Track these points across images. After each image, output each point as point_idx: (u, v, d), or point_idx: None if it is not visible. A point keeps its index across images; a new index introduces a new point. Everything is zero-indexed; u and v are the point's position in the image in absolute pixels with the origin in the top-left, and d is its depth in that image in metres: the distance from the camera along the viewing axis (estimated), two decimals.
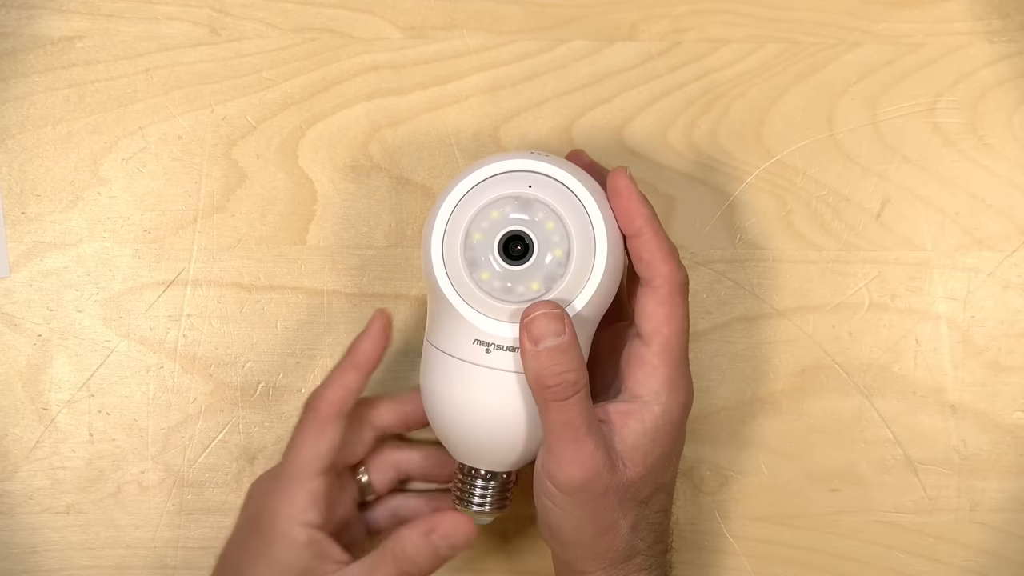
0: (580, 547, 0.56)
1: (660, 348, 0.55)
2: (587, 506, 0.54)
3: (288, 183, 0.65)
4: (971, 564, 0.66)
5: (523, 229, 0.53)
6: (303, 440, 0.58)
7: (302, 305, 0.66)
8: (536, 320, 0.52)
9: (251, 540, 0.58)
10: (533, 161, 0.55)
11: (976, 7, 0.67)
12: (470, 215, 0.54)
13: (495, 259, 0.54)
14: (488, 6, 0.66)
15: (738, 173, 0.66)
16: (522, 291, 0.54)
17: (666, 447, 0.55)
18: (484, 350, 0.55)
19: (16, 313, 0.65)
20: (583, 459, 0.53)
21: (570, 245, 0.54)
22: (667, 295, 0.54)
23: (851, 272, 0.66)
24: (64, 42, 0.65)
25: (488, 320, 0.54)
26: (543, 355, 0.52)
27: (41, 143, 0.65)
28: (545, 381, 0.53)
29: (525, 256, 0.54)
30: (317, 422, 0.58)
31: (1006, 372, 0.66)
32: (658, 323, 0.55)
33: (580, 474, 0.53)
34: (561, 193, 0.54)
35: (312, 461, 0.58)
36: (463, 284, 0.54)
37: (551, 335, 0.52)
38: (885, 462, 0.66)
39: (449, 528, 0.56)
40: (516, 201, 0.54)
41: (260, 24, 0.66)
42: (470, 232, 0.54)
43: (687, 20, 0.66)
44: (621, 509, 0.55)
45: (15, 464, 0.65)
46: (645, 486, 0.55)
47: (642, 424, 0.54)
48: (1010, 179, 0.67)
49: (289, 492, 0.58)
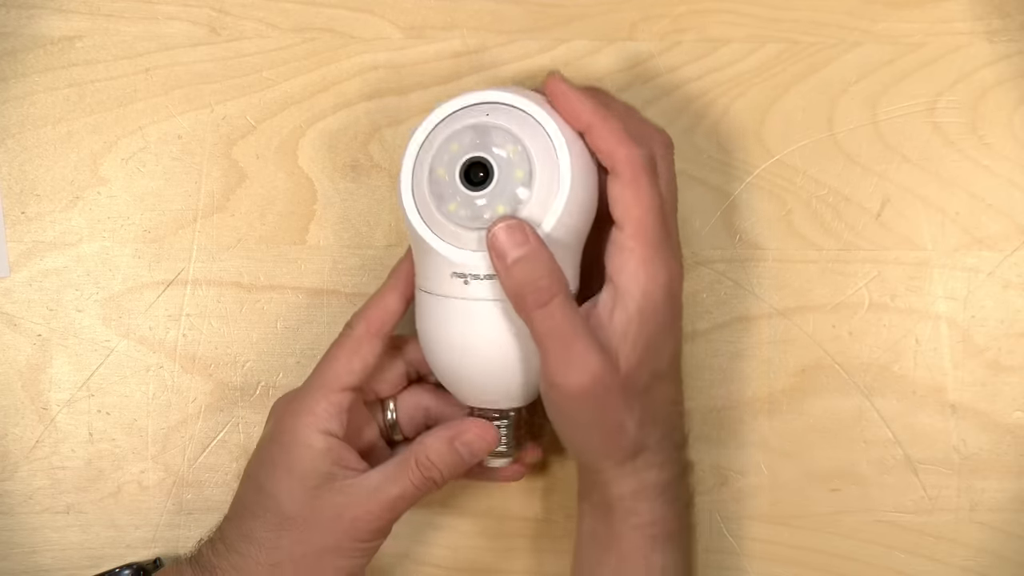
0: (591, 449, 0.56)
1: (633, 230, 0.54)
2: (592, 409, 0.54)
3: (288, 183, 0.65)
4: (971, 564, 0.66)
5: (481, 154, 0.54)
6: (335, 355, 0.59)
7: (302, 305, 0.66)
8: (496, 235, 0.53)
9: (269, 450, 0.58)
10: (490, 92, 0.55)
11: (976, 7, 0.67)
12: (432, 152, 0.55)
13: (458, 188, 0.54)
14: (488, 6, 0.66)
15: (738, 173, 0.66)
16: (488, 216, 0.54)
17: (653, 329, 0.55)
18: (463, 282, 0.55)
19: (16, 313, 0.65)
20: (578, 362, 0.53)
21: (531, 166, 0.54)
22: (631, 177, 0.54)
23: (851, 272, 0.66)
24: (64, 42, 0.65)
25: (461, 251, 0.55)
26: (513, 268, 0.53)
27: (41, 143, 0.65)
28: (520, 291, 0.53)
29: (486, 180, 0.54)
30: (353, 339, 0.59)
31: (1006, 372, 0.66)
32: (626, 205, 0.54)
33: (578, 379, 0.53)
34: (519, 118, 0.54)
35: (341, 376, 0.58)
36: (433, 219, 0.55)
37: (514, 246, 0.52)
38: (885, 462, 0.66)
39: (472, 436, 0.56)
40: (474, 130, 0.54)
41: (260, 24, 0.66)
42: (434, 167, 0.55)
43: (687, 20, 0.66)
44: (625, 405, 0.55)
45: (15, 464, 0.65)
46: (641, 374, 0.55)
47: (625, 311, 0.54)
48: (1010, 179, 0.67)
49: (310, 402, 0.58)
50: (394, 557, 0.66)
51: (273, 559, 0.56)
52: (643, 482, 0.57)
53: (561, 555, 0.66)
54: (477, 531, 0.65)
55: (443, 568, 0.66)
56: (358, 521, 0.56)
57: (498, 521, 0.66)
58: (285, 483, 0.57)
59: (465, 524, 0.63)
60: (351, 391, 0.58)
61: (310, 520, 0.56)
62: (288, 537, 0.56)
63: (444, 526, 0.65)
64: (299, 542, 0.56)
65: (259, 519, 0.57)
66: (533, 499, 0.66)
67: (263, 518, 0.57)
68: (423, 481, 0.56)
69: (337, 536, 0.56)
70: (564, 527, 0.66)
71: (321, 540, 0.56)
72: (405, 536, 0.66)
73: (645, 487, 0.57)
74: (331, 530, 0.56)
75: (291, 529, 0.56)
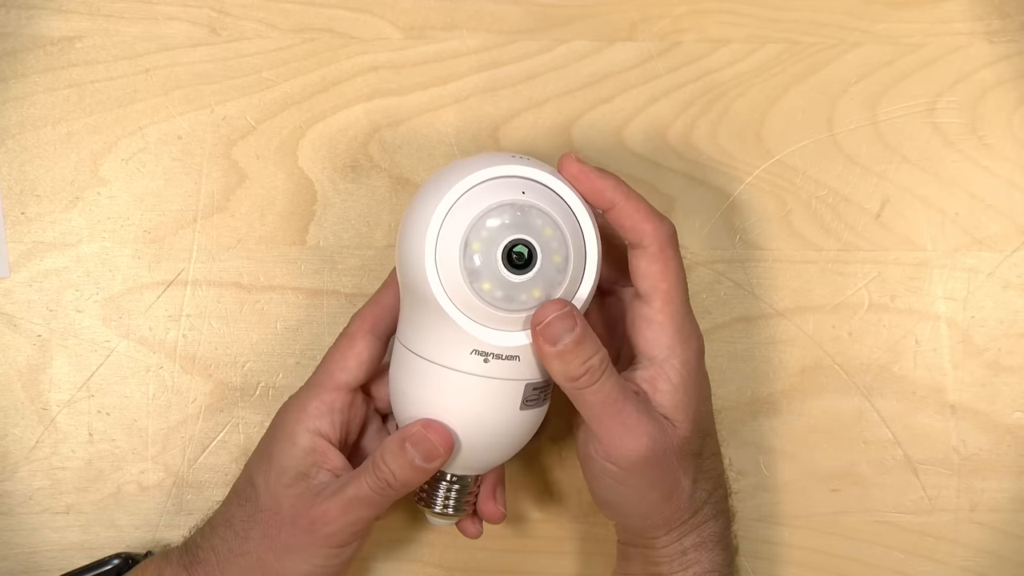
0: (648, 516, 0.57)
1: (662, 303, 0.55)
2: (649, 474, 0.55)
3: (288, 183, 0.65)
4: (971, 564, 0.67)
5: (526, 238, 0.53)
6: (330, 354, 0.59)
7: (302, 305, 0.66)
8: (550, 324, 0.53)
9: (262, 443, 0.59)
10: (521, 166, 0.54)
11: (976, 7, 0.67)
12: (467, 224, 0.53)
13: (500, 269, 0.53)
14: (488, 6, 0.66)
15: (738, 173, 0.66)
16: (524, 299, 0.53)
17: (696, 394, 0.56)
18: (482, 360, 0.54)
19: (16, 313, 0.65)
20: (632, 428, 0.54)
21: (568, 250, 0.53)
22: (658, 251, 0.55)
23: (851, 272, 0.66)
24: (64, 42, 0.65)
25: (487, 330, 0.54)
26: (565, 353, 0.53)
27: (41, 143, 0.65)
28: (573, 374, 0.53)
29: (529, 265, 0.53)
30: (347, 336, 0.59)
31: (1006, 372, 0.66)
32: (655, 280, 0.55)
33: (635, 445, 0.54)
34: (549, 197, 0.54)
35: (334, 373, 0.58)
36: (461, 294, 0.53)
37: (566, 332, 0.53)
38: (885, 462, 0.66)
39: (420, 436, 0.55)
40: (513, 209, 0.53)
41: (260, 24, 0.66)
42: (469, 241, 0.53)
43: (687, 20, 0.66)
44: (681, 467, 0.56)
45: (15, 464, 0.65)
46: (694, 438, 0.56)
47: (670, 383, 0.55)
48: (1010, 179, 0.67)
49: (303, 400, 0.58)
50: (394, 558, 0.66)
51: (243, 548, 0.57)
52: (704, 535, 0.58)
53: (561, 556, 0.66)
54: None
55: (443, 568, 0.66)
56: (317, 522, 0.56)
57: None
58: (264, 476, 0.57)
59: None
60: (346, 390, 0.58)
61: (277, 516, 0.56)
62: (257, 529, 0.57)
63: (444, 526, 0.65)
64: (265, 536, 0.56)
65: (240, 507, 0.58)
66: (532, 499, 0.66)
67: (243, 507, 0.57)
68: (376, 482, 0.55)
69: (299, 537, 0.56)
70: (564, 527, 0.66)
71: (285, 538, 0.56)
72: (405, 536, 0.66)
73: (705, 540, 0.58)
74: (295, 529, 0.56)
75: (261, 522, 0.57)
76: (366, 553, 0.66)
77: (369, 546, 0.65)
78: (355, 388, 0.59)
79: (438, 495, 0.59)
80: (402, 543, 0.66)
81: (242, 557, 0.57)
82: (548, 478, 0.66)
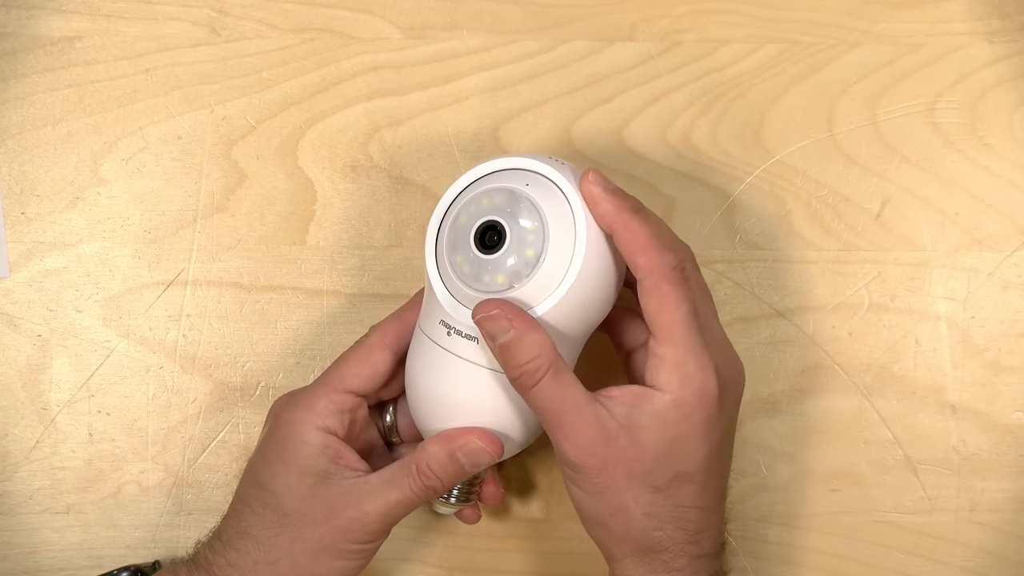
0: (600, 527, 0.56)
1: (661, 337, 0.54)
2: (592, 481, 0.54)
3: (288, 183, 0.65)
4: (971, 564, 0.67)
5: (500, 220, 0.53)
6: (345, 359, 0.59)
7: (302, 305, 0.66)
8: (482, 322, 0.53)
9: (268, 447, 0.58)
10: (540, 163, 0.54)
11: (976, 7, 0.67)
12: (465, 200, 0.55)
13: (471, 245, 0.54)
14: (488, 6, 0.66)
15: (738, 173, 0.66)
16: (487, 281, 0.54)
17: (681, 430, 0.54)
18: (446, 332, 0.55)
19: (16, 313, 0.65)
20: (570, 435, 0.53)
21: (543, 248, 0.53)
22: (652, 286, 0.53)
23: (851, 272, 0.66)
24: (64, 42, 0.65)
25: (454, 303, 0.55)
26: (500, 351, 0.53)
27: (41, 143, 0.65)
28: (511, 374, 0.53)
29: (496, 247, 0.54)
30: (366, 346, 0.59)
31: (1006, 372, 0.66)
32: (652, 315, 0.54)
33: (571, 450, 0.54)
34: (556, 199, 0.54)
35: (347, 378, 0.58)
36: (443, 263, 0.55)
37: (500, 332, 0.53)
38: (885, 462, 0.66)
39: (475, 447, 0.56)
40: (507, 194, 0.54)
41: (260, 24, 0.66)
42: (458, 214, 0.55)
43: (687, 20, 0.66)
44: (629, 489, 0.54)
45: (15, 464, 0.65)
46: (658, 471, 0.54)
47: (651, 405, 0.54)
48: (1010, 179, 0.67)
49: (311, 399, 0.58)
50: (394, 558, 0.66)
51: (271, 557, 0.56)
52: None
53: (561, 556, 0.66)
54: (477, 531, 0.65)
55: (443, 568, 0.66)
56: (355, 523, 0.56)
57: (498, 521, 0.66)
58: (283, 479, 0.57)
59: (465, 524, 0.63)
60: (355, 395, 0.58)
61: (308, 517, 0.56)
62: (286, 535, 0.56)
63: (444, 526, 0.65)
64: (296, 539, 0.56)
65: (258, 516, 0.57)
66: (533, 499, 0.67)
67: (262, 515, 0.57)
68: (423, 489, 0.56)
69: (334, 536, 0.56)
70: (564, 527, 0.66)
71: (319, 538, 0.56)
72: (405, 536, 0.66)
73: None
74: (328, 529, 0.56)
75: (289, 526, 0.56)
76: None
77: None
78: (363, 395, 0.59)
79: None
80: (402, 543, 0.66)
81: (272, 566, 0.56)
82: (548, 478, 0.66)
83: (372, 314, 0.65)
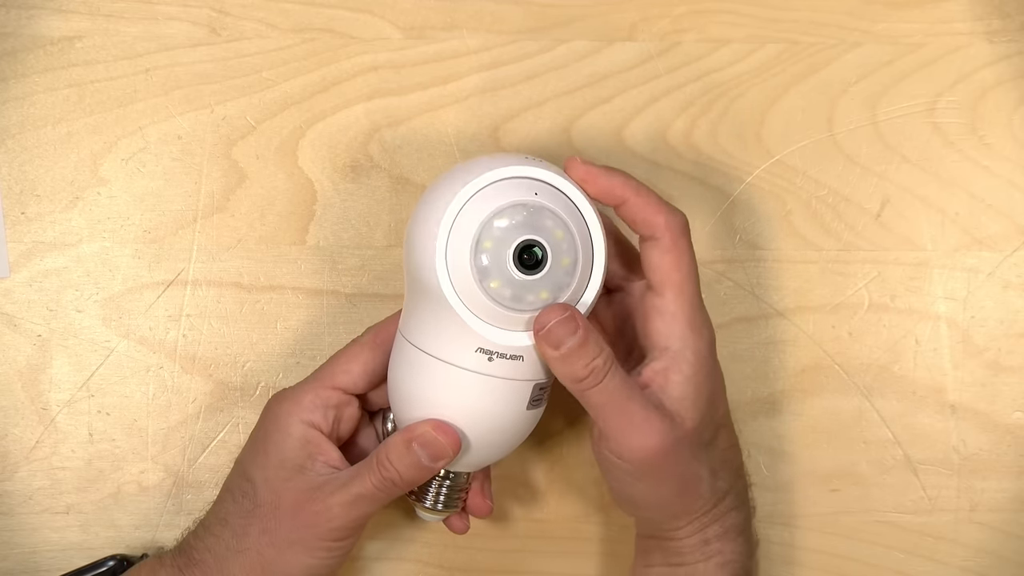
0: (667, 507, 0.57)
1: (674, 294, 0.55)
2: (663, 469, 0.55)
3: (288, 183, 0.65)
4: (971, 564, 0.67)
5: (538, 238, 0.53)
6: (336, 357, 0.59)
7: (302, 305, 0.66)
8: (552, 329, 0.53)
9: (254, 437, 0.59)
10: (533, 168, 0.54)
11: (976, 7, 0.67)
12: (480, 221, 0.53)
13: (510, 268, 0.53)
14: (488, 6, 0.66)
15: (738, 173, 0.66)
16: (531, 300, 0.53)
17: (708, 385, 0.56)
18: (487, 359, 0.54)
19: (16, 313, 0.65)
20: (639, 425, 0.54)
21: (577, 253, 0.53)
22: (671, 242, 0.55)
23: (851, 272, 0.66)
24: (64, 42, 0.65)
25: (494, 329, 0.54)
26: (569, 356, 0.53)
27: (41, 143, 0.65)
28: (578, 376, 0.53)
29: (539, 266, 0.53)
30: (358, 344, 0.59)
31: (1006, 372, 0.66)
32: (667, 271, 0.55)
33: (642, 441, 0.54)
34: (560, 199, 0.54)
35: (336, 375, 0.58)
36: (470, 292, 0.53)
37: (568, 336, 0.53)
38: (885, 462, 0.66)
39: (429, 437, 0.56)
40: (526, 209, 0.53)
41: (260, 24, 0.66)
42: (481, 239, 0.53)
43: (687, 20, 0.66)
44: (695, 459, 0.56)
45: (15, 464, 0.65)
46: (706, 429, 0.56)
47: (681, 374, 0.55)
48: (1010, 179, 0.67)
49: (299, 393, 0.58)
50: (394, 558, 0.66)
51: (242, 545, 0.57)
52: (726, 525, 0.58)
53: (561, 556, 0.66)
54: (477, 531, 0.65)
55: (443, 568, 0.66)
56: (319, 516, 0.56)
57: (498, 521, 0.66)
58: (262, 470, 0.57)
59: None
60: (342, 391, 0.58)
61: (278, 509, 0.56)
62: (256, 524, 0.57)
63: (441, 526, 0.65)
64: (265, 531, 0.56)
65: (236, 503, 0.57)
66: (532, 499, 0.66)
67: (240, 503, 0.57)
68: (382, 481, 0.56)
69: (300, 531, 0.56)
70: (564, 527, 0.66)
71: (286, 532, 0.56)
72: (405, 536, 0.66)
73: (728, 530, 0.58)
74: (294, 524, 0.56)
75: (260, 517, 0.57)
76: (365, 553, 0.66)
77: (368, 546, 0.65)
78: (352, 393, 0.59)
79: (430, 491, 0.59)
80: (401, 543, 0.66)
81: (241, 554, 0.57)
82: (549, 477, 0.66)
83: (372, 314, 0.65)
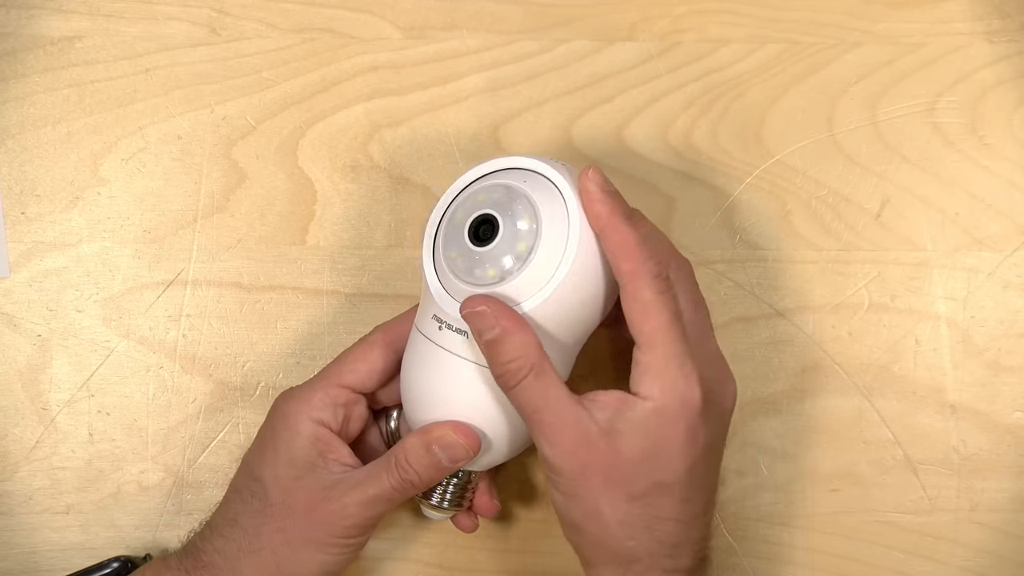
0: (575, 532, 0.55)
1: (643, 345, 0.53)
2: (569, 484, 0.54)
3: (288, 183, 0.65)
4: (971, 564, 0.66)
5: (494, 214, 0.54)
6: (344, 355, 0.59)
7: (302, 305, 0.66)
8: (469, 317, 0.53)
9: (262, 436, 0.59)
10: (539, 162, 0.55)
11: (976, 7, 0.67)
12: (464, 196, 0.55)
13: (465, 238, 0.54)
14: (488, 6, 0.66)
15: (738, 173, 0.66)
16: (479, 274, 0.54)
17: (659, 442, 0.53)
18: (437, 326, 0.55)
19: (16, 313, 0.65)
20: (550, 436, 0.53)
21: (535, 243, 0.53)
22: (633, 292, 0.53)
23: (851, 272, 0.66)
24: (64, 42, 0.65)
25: (446, 297, 0.55)
26: (485, 348, 0.53)
27: (41, 143, 0.65)
28: (494, 370, 0.53)
29: (489, 240, 0.54)
30: (366, 343, 0.59)
31: (1006, 372, 0.66)
32: (635, 322, 0.53)
33: (550, 451, 0.53)
34: (552, 197, 0.54)
35: (343, 373, 0.58)
36: (438, 258, 0.55)
37: (486, 329, 0.53)
38: (885, 462, 0.66)
39: (450, 440, 0.56)
40: (504, 190, 0.54)
41: (260, 24, 0.66)
42: (455, 211, 0.55)
43: (687, 20, 0.66)
44: (605, 495, 0.53)
45: (15, 464, 0.65)
46: (635, 479, 0.53)
47: (632, 412, 0.53)
48: (1010, 179, 0.67)
49: (307, 391, 0.58)
50: (394, 557, 0.66)
51: (254, 546, 0.56)
52: None
53: (560, 556, 0.66)
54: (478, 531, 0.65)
55: (443, 568, 0.66)
56: (334, 515, 0.56)
57: (497, 521, 0.66)
58: (271, 469, 0.57)
59: None
60: (351, 390, 0.58)
61: (291, 509, 0.56)
62: (269, 524, 0.56)
63: (444, 526, 0.65)
64: (279, 530, 0.56)
65: (246, 504, 0.57)
66: (533, 499, 0.67)
67: (249, 503, 0.57)
68: (400, 482, 0.56)
69: (314, 528, 0.56)
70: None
71: (301, 531, 0.56)
72: (406, 536, 0.66)
73: None
74: (309, 522, 0.56)
75: (272, 516, 0.56)
76: (366, 552, 0.66)
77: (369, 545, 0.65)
78: (361, 392, 0.59)
79: (437, 488, 0.59)
80: (402, 542, 0.66)
81: (255, 554, 0.56)
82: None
83: (372, 314, 0.65)
